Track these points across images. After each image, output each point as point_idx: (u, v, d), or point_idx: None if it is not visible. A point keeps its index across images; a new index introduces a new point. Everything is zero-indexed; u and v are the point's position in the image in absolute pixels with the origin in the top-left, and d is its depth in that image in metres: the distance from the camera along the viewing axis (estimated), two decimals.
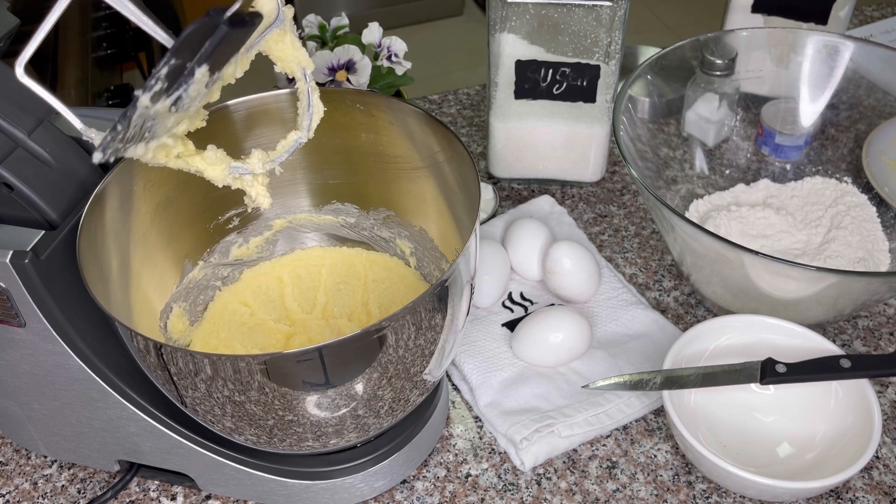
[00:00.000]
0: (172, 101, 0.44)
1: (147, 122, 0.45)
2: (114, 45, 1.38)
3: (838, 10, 0.90)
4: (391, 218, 0.70)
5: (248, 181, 0.55)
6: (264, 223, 0.71)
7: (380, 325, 0.49)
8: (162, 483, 0.67)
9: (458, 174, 0.60)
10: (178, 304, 0.66)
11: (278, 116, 0.64)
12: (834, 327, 0.76)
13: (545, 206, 0.88)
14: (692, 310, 0.78)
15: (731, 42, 0.84)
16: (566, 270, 0.75)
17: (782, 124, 0.85)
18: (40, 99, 0.44)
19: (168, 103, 0.44)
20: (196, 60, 0.43)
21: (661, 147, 0.84)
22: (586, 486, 0.65)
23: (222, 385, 0.50)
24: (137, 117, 0.43)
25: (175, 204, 0.64)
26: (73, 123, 0.47)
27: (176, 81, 0.44)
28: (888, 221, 0.78)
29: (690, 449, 0.60)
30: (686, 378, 0.64)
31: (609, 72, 0.81)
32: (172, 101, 0.44)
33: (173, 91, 0.44)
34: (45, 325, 0.55)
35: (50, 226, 0.54)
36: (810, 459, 0.63)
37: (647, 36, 2.57)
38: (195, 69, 0.44)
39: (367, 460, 0.62)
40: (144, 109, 0.43)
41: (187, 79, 0.44)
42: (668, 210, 0.66)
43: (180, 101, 0.45)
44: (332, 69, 0.82)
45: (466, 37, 2.70)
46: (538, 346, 0.71)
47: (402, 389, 0.55)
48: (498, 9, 0.79)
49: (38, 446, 0.67)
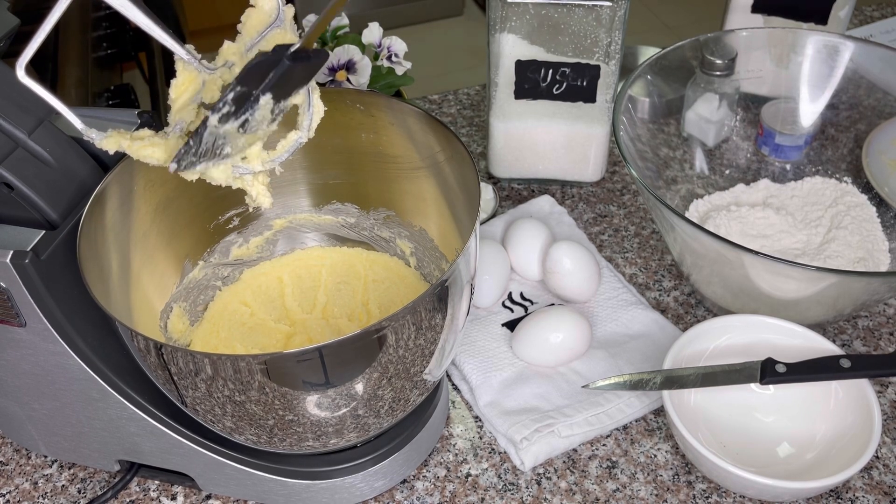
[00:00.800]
0: (240, 124, 0.49)
1: (219, 141, 0.49)
2: (114, 45, 1.38)
3: (838, 10, 0.90)
4: (391, 218, 0.70)
5: (249, 181, 0.55)
6: (264, 223, 0.71)
7: (380, 325, 0.49)
8: (162, 483, 0.67)
9: (458, 174, 0.60)
10: (179, 304, 0.66)
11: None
12: (834, 327, 0.76)
13: (545, 206, 0.88)
14: (692, 310, 0.78)
15: (731, 42, 0.84)
16: (566, 270, 0.75)
17: (782, 124, 0.85)
18: (41, 99, 0.45)
19: (236, 125, 0.49)
20: (261, 89, 0.48)
21: (661, 147, 0.84)
22: (586, 486, 0.65)
23: (222, 385, 0.50)
24: (208, 135, 0.48)
25: (175, 204, 0.64)
26: (74, 123, 0.47)
27: (243, 106, 0.48)
28: (888, 221, 0.78)
29: (690, 449, 0.60)
30: (686, 378, 0.64)
31: (609, 72, 0.81)
32: (240, 123, 0.49)
33: (241, 114, 0.49)
34: (45, 325, 0.55)
35: (50, 226, 0.54)
36: (810, 459, 0.63)
37: (647, 36, 2.57)
38: (260, 96, 0.49)
39: (367, 460, 0.62)
40: (214, 129, 0.48)
41: (252, 104, 0.49)
42: (668, 210, 0.66)
43: (248, 124, 0.50)
44: (332, 69, 0.82)
45: (466, 37, 2.70)
46: (538, 346, 0.71)
47: (402, 389, 0.55)
48: (498, 9, 0.79)
49: (38, 446, 0.67)
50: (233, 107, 0.48)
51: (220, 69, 0.50)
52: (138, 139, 0.51)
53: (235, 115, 0.49)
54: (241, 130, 0.50)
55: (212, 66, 0.50)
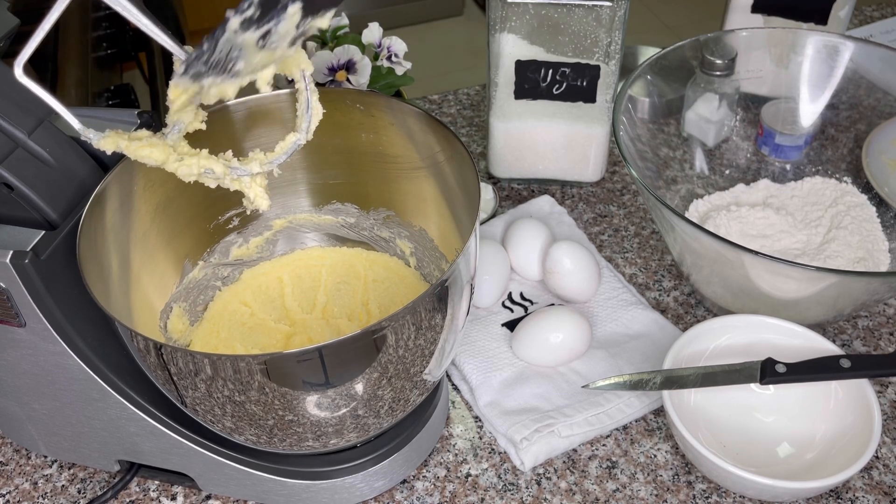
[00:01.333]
0: (261, 35, 0.43)
1: (233, 52, 0.44)
2: (114, 45, 1.38)
3: (838, 10, 0.90)
4: (391, 218, 0.70)
5: (247, 182, 0.55)
6: (264, 223, 0.71)
7: (380, 325, 0.49)
8: (162, 483, 0.67)
9: (458, 174, 0.60)
10: (178, 304, 0.66)
11: (278, 117, 0.65)
12: (834, 327, 0.76)
13: (545, 206, 0.88)
14: (692, 310, 0.78)
15: (731, 42, 0.84)
16: (566, 270, 0.75)
17: (782, 124, 0.85)
18: (40, 99, 0.45)
19: (257, 35, 0.43)
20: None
21: (661, 147, 0.84)
22: (586, 486, 0.65)
23: (222, 385, 0.50)
24: (224, 42, 0.43)
25: (175, 204, 0.64)
26: (72, 123, 0.47)
27: (269, 14, 0.43)
28: (888, 221, 0.78)
29: (690, 449, 0.60)
30: (686, 378, 0.64)
31: (609, 72, 0.81)
32: (261, 34, 0.43)
33: (264, 23, 0.43)
34: (45, 325, 0.55)
35: (50, 226, 0.54)
36: (810, 459, 0.63)
37: (647, 36, 2.57)
38: (289, 4, 0.43)
39: (367, 460, 0.62)
40: (232, 34, 0.42)
41: (280, 13, 0.43)
42: (668, 210, 0.66)
43: (269, 36, 0.44)
44: (332, 69, 0.82)
45: (466, 37, 2.70)
46: (538, 346, 0.71)
47: (402, 389, 0.55)
48: (498, 9, 0.79)
49: (38, 446, 0.67)
50: (258, 10, 0.42)
51: None
52: (136, 139, 0.51)
53: (259, 22, 0.43)
54: (259, 44, 0.44)
55: None
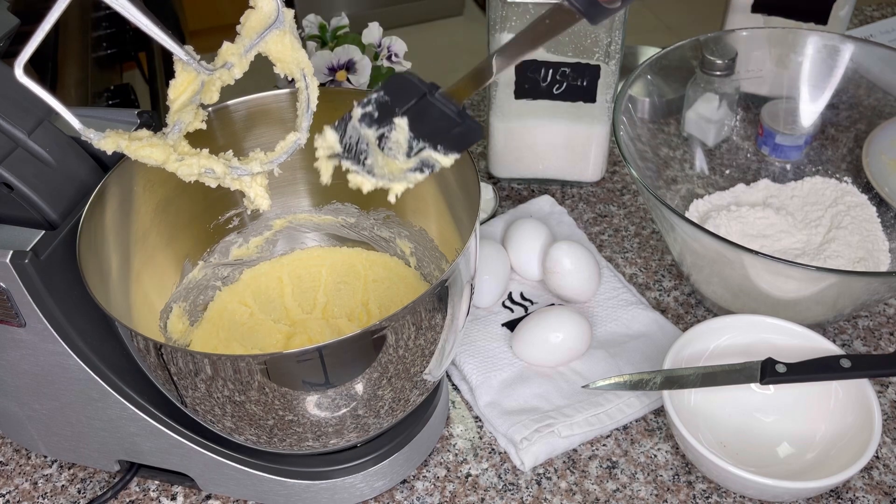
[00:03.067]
0: (379, 135, 0.49)
1: (361, 144, 0.50)
2: (114, 45, 1.38)
3: (838, 10, 0.90)
4: (391, 218, 0.70)
5: (247, 182, 0.55)
6: (264, 223, 0.71)
7: (380, 325, 0.49)
8: (162, 483, 0.67)
9: (458, 174, 0.60)
10: (178, 304, 0.66)
11: (278, 116, 0.65)
12: (834, 327, 0.76)
13: (545, 206, 0.88)
14: (692, 310, 0.78)
15: (731, 42, 0.84)
16: (566, 270, 0.75)
17: (782, 124, 0.85)
18: (40, 99, 0.45)
19: (375, 134, 0.49)
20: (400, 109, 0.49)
21: (661, 147, 0.84)
22: (586, 486, 0.65)
23: (222, 385, 0.50)
24: (351, 127, 0.49)
25: (175, 204, 0.64)
26: (72, 123, 0.47)
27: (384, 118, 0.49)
28: (888, 221, 0.78)
29: (690, 449, 0.60)
30: (686, 378, 0.64)
31: (609, 72, 0.81)
32: (379, 134, 0.49)
33: (380, 125, 0.49)
34: (45, 325, 0.55)
35: (50, 226, 0.54)
36: (810, 459, 0.63)
37: (647, 36, 2.57)
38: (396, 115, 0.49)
39: (367, 460, 0.62)
40: (357, 122, 0.49)
41: (391, 121, 0.49)
42: (668, 210, 0.66)
43: (385, 140, 0.50)
44: (332, 69, 0.82)
45: (466, 37, 2.70)
46: (538, 346, 0.71)
47: (402, 389, 0.55)
48: (498, 9, 0.79)
49: (38, 446, 0.67)
50: (376, 111, 0.49)
51: (219, 70, 0.50)
52: (136, 139, 0.51)
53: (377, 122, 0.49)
54: (380, 145, 0.50)
55: (211, 67, 0.50)
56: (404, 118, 0.49)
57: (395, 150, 0.50)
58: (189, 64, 0.49)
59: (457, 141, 0.51)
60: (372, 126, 0.49)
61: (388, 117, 0.49)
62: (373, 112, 0.49)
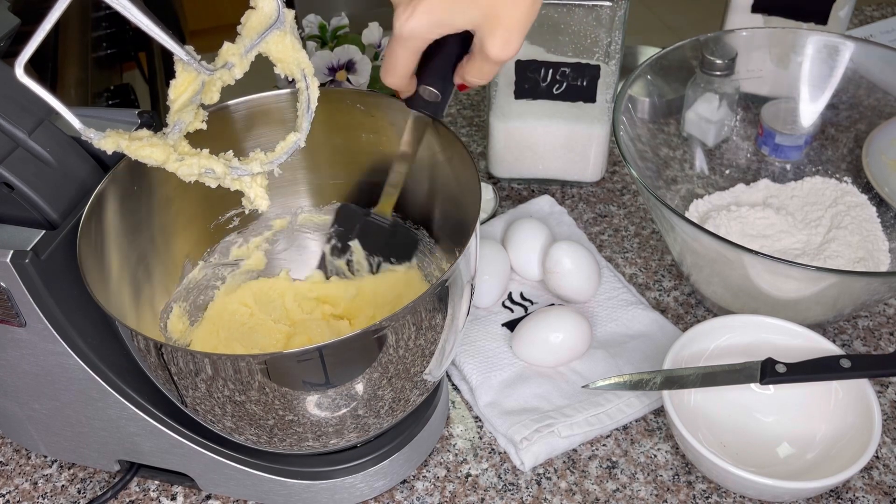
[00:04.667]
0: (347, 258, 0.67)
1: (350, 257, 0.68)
2: (114, 45, 1.38)
3: (838, 10, 0.90)
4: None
5: (247, 182, 0.55)
6: (264, 223, 0.71)
7: (380, 325, 0.49)
8: (162, 483, 0.67)
9: (458, 174, 0.60)
10: (178, 304, 0.66)
11: (278, 116, 0.64)
12: (834, 327, 0.76)
13: (545, 206, 0.88)
14: (692, 310, 0.78)
15: (731, 42, 0.84)
16: (566, 270, 0.75)
17: (782, 124, 0.85)
18: (40, 99, 0.45)
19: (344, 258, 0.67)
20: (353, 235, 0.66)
21: (661, 147, 0.84)
22: (586, 486, 0.65)
23: (222, 385, 0.50)
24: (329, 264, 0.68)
25: (175, 204, 0.64)
26: (72, 123, 0.47)
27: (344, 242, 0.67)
28: (888, 221, 0.78)
29: (690, 449, 0.60)
30: (686, 378, 0.64)
31: (609, 72, 0.81)
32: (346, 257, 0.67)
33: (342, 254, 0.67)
34: (45, 325, 0.55)
35: (50, 226, 0.54)
36: (810, 459, 0.63)
37: (647, 36, 2.56)
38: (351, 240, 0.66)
39: (367, 460, 0.62)
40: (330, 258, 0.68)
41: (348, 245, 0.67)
42: (668, 210, 0.66)
43: (351, 264, 0.67)
44: (332, 69, 0.82)
45: None
46: (538, 346, 0.71)
47: (402, 389, 0.55)
48: None
49: (38, 446, 0.67)
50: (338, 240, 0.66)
51: (219, 70, 0.50)
52: (137, 139, 0.51)
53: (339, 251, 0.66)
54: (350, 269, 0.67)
55: (211, 67, 0.50)
56: (356, 241, 0.64)
57: (361, 272, 0.64)
58: (189, 64, 0.49)
59: (403, 251, 0.65)
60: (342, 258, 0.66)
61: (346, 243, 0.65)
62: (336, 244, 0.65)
